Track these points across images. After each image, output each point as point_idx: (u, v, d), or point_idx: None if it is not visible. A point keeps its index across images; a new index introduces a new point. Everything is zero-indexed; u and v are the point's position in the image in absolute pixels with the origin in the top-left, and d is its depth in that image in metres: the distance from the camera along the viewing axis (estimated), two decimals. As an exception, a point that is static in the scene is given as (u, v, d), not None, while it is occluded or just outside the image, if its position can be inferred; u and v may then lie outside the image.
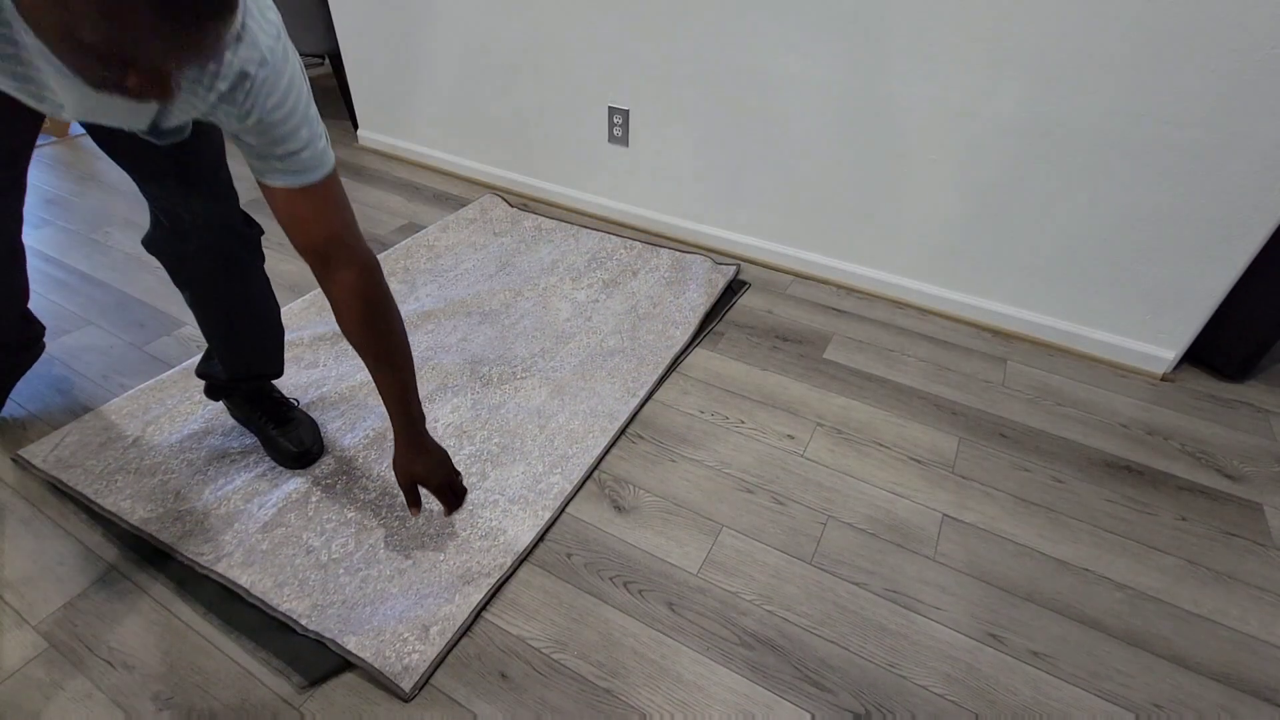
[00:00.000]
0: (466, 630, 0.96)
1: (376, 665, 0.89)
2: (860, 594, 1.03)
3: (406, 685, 0.88)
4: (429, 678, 0.90)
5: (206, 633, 0.94)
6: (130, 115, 0.72)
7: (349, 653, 0.90)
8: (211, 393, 1.23)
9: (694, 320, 1.58)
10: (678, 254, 1.82)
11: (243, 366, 1.14)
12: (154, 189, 0.95)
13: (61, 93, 0.66)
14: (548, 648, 0.95)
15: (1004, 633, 0.99)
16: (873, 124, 1.52)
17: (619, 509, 1.15)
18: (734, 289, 1.72)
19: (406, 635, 0.92)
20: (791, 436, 1.30)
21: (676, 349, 1.49)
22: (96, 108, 0.69)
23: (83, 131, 2.42)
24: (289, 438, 1.17)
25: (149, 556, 1.03)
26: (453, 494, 1.01)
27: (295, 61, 0.72)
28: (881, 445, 1.29)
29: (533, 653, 0.94)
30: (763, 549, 1.09)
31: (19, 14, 0.48)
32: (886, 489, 1.20)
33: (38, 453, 1.17)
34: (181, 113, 0.72)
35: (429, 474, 0.98)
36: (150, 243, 1.02)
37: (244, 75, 0.67)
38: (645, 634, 0.97)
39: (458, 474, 1.03)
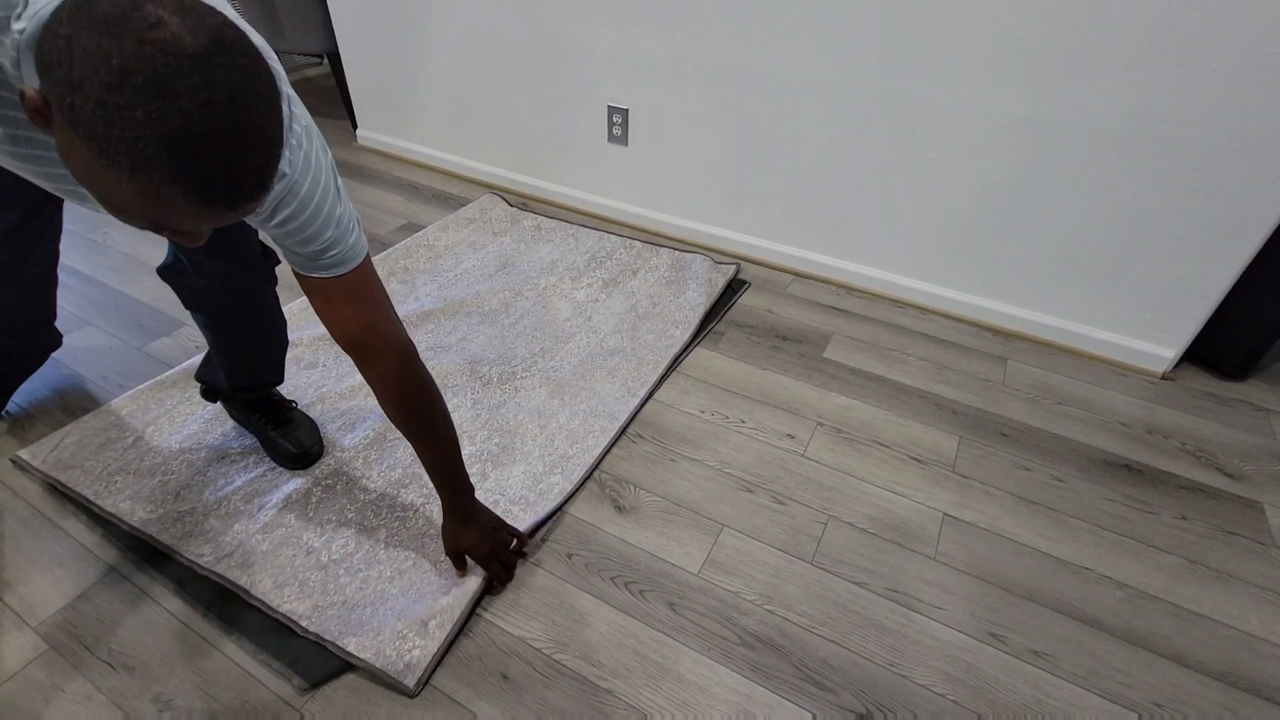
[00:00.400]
0: (466, 622, 0.96)
1: (379, 665, 0.89)
2: (861, 593, 1.03)
3: (410, 682, 0.88)
4: (431, 673, 0.90)
5: (207, 634, 0.94)
6: None
7: (350, 655, 0.90)
8: (209, 395, 1.23)
9: (694, 320, 1.57)
10: (677, 253, 1.82)
11: (246, 377, 1.15)
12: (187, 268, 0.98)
13: None
14: (549, 648, 0.95)
15: (1004, 632, 0.99)
16: (873, 123, 1.51)
17: (619, 509, 1.15)
18: (734, 288, 1.72)
19: (406, 633, 0.92)
20: (792, 436, 1.30)
21: (676, 348, 1.49)
22: None
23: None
24: (289, 439, 1.17)
25: (149, 557, 1.03)
26: (501, 566, 1.00)
27: (318, 162, 0.71)
28: (882, 444, 1.29)
29: (534, 653, 0.94)
30: (763, 549, 1.09)
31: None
32: (887, 488, 1.20)
33: (37, 454, 1.17)
34: None
35: (474, 546, 0.98)
36: (167, 274, 1.03)
37: None
38: (646, 634, 0.97)
39: (511, 540, 1.02)
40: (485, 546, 0.98)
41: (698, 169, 1.81)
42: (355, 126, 2.48)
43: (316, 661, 0.91)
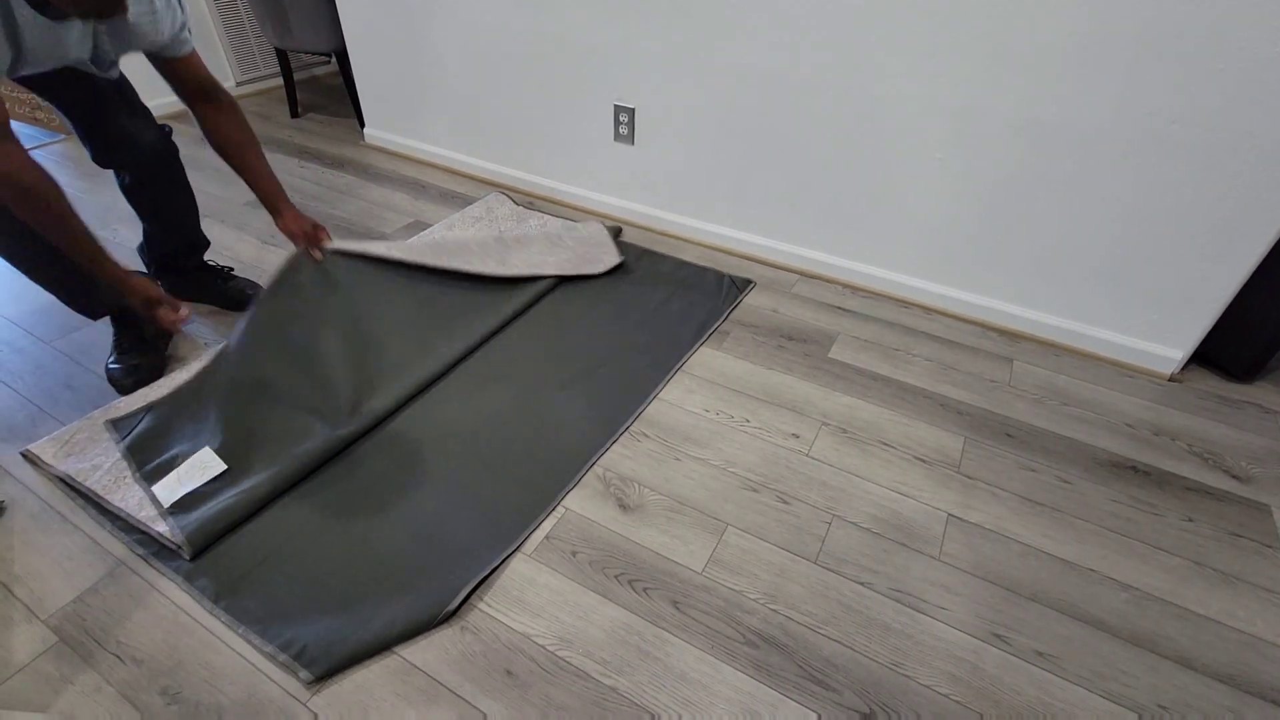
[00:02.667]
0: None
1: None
2: (865, 593, 1.03)
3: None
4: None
5: (214, 628, 0.95)
6: (79, 46, 1.04)
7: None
8: (158, 274, 1.54)
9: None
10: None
11: (182, 239, 1.49)
12: (99, 116, 1.25)
13: (29, 36, 0.95)
14: (553, 645, 0.95)
15: (1009, 633, 0.98)
16: (878, 123, 1.51)
17: (624, 507, 1.15)
18: (739, 287, 1.72)
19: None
20: (796, 435, 1.30)
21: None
22: (52, 50, 1.00)
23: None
24: (234, 287, 1.56)
25: (156, 552, 1.04)
26: (314, 238, 1.36)
27: None
28: (887, 444, 1.29)
29: (538, 650, 0.94)
30: (768, 548, 1.09)
31: None
32: (891, 488, 1.20)
33: (47, 449, 1.18)
34: (119, 42, 1.09)
35: (299, 226, 1.33)
36: (105, 159, 1.31)
37: None
38: (650, 632, 0.97)
39: (317, 230, 1.38)
40: (306, 224, 1.35)
41: (703, 168, 1.81)
42: (362, 125, 2.49)
43: (323, 655, 0.91)
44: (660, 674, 0.92)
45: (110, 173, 1.56)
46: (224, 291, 1.57)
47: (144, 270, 1.55)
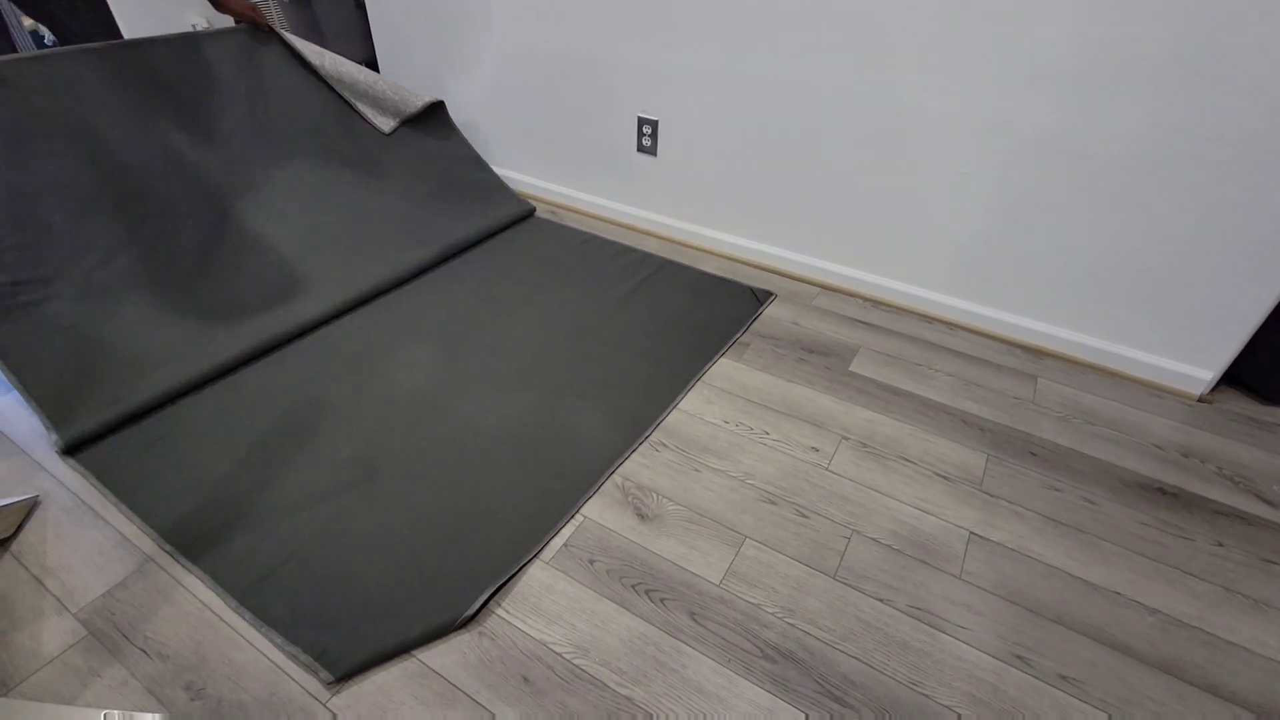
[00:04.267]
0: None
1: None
2: (884, 610, 1.02)
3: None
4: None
5: (238, 626, 0.97)
6: None
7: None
8: None
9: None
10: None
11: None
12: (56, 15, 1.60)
13: None
14: (569, 653, 0.95)
15: (1031, 655, 0.97)
16: (904, 137, 1.51)
17: (642, 516, 1.15)
18: (760, 299, 1.72)
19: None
20: (816, 449, 1.30)
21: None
22: None
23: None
24: None
25: (184, 549, 1.06)
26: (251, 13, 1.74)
27: None
28: (908, 460, 1.28)
29: (554, 657, 0.95)
30: (785, 561, 1.09)
31: None
32: (912, 505, 1.19)
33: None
34: None
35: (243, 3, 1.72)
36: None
37: None
38: (667, 643, 0.97)
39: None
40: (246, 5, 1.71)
41: (726, 180, 1.82)
42: (390, 133, 2.53)
43: (343, 656, 0.92)
44: (676, 685, 0.92)
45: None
46: None
47: None
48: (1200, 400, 1.45)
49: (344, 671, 0.91)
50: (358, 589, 1.01)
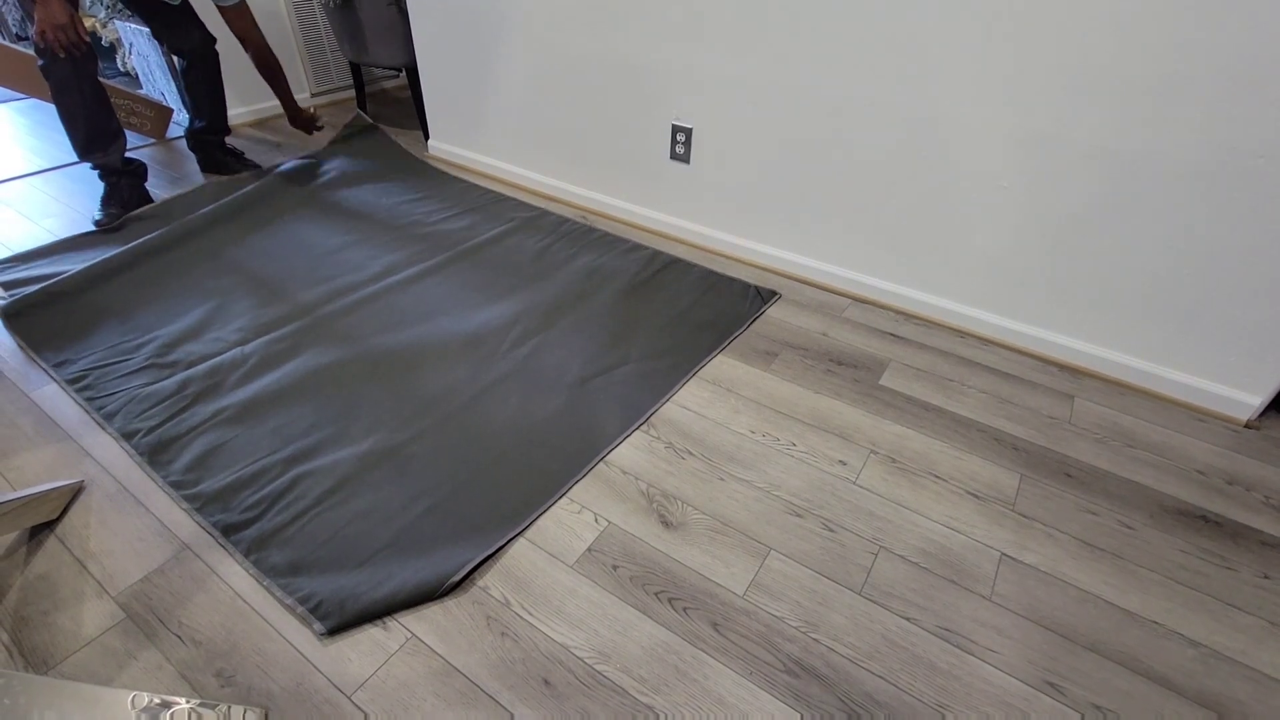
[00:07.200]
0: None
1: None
2: (910, 629, 1.00)
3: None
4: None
5: (269, 616, 0.99)
6: None
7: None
8: (196, 148, 2.34)
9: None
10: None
11: (217, 120, 2.29)
12: (174, 35, 2.09)
13: None
14: (591, 658, 0.95)
15: (1063, 682, 0.94)
16: (941, 149, 1.49)
17: (667, 524, 1.15)
18: (764, 298, 1.73)
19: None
20: (844, 462, 1.28)
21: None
22: None
23: (178, 134, 2.59)
24: (246, 164, 2.36)
25: (220, 538, 1.09)
26: (309, 126, 2.40)
27: None
28: (938, 477, 1.26)
29: (576, 661, 0.95)
30: (811, 575, 1.08)
31: None
32: (942, 522, 1.17)
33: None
34: None
35: (302, 115, 2.34)
36: (171, 48, 2.14)
37: None
38: (688, 652, 0.96)
39: (313, 116, 2.39)
40: (307, 113, 2.34)
41: (758, 189, 1.81)
42: (427, 137, 2.58)
43: (335, 610, 0.98)
44: (697, 695, 0.92)
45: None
46: (233, 167, 2.34)
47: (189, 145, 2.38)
48: (1247, 426, 1.40)
49: (336, 624, 0.97)
50: (356, 548, 1.07)
